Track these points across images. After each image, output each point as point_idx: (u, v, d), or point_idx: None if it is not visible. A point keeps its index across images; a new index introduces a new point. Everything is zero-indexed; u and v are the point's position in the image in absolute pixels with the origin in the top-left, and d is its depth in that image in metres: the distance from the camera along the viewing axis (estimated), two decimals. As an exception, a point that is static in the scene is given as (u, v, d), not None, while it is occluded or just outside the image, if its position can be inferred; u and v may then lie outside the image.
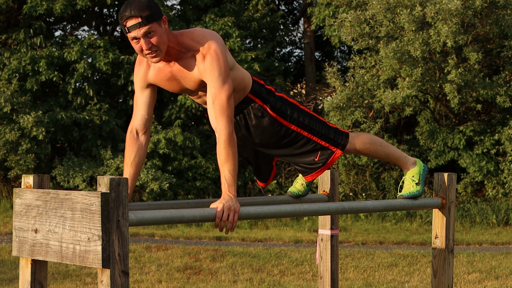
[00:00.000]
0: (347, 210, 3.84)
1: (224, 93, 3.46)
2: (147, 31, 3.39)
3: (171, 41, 3.49)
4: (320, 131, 3.88)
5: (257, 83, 3.79)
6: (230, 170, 3.37)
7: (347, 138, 3.93)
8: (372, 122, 14.71)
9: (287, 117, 3.82)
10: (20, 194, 3.18)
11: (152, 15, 3.39)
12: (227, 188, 3.34)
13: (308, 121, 3.85)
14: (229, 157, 3.38)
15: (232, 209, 3.27)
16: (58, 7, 15.44)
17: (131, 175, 3.69)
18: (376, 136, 4.09)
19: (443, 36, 13.02)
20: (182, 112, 16.39)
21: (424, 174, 4.07)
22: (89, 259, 2.89)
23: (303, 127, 3.84)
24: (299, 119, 3.83)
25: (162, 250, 10.03)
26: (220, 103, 3.45)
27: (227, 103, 3.45)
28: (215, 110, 3.46)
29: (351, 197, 14.82)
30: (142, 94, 3.70)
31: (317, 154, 3.90)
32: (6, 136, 14.30)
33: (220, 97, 3.46)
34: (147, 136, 3.74)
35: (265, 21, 17.21)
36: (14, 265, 8.76)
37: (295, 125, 3.83)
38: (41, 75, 15.32)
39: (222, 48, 3.52)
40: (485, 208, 13.92)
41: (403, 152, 4.12)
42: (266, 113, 3.78)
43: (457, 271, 8.85)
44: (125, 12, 3.39)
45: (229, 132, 3.42)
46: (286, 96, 3.86)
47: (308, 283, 8.12)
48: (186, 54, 3.53)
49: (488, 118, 15.07)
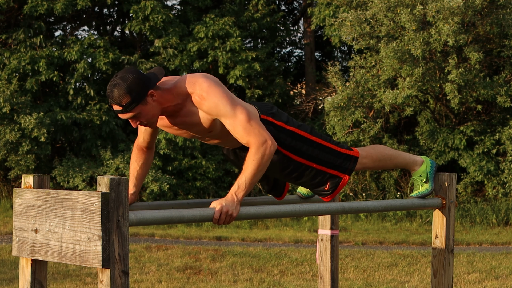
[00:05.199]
0: (347, 210, 3.83)
1: (239, 119, 3.41)
2: (131, 116, 3.41)
3: (166, 100, 3.45)
4: (329, 161, 3.85)
5: (265, 121, 3.69)
6: (247, 176, 3.35)
7: (355, 162, 3.89)
8: (372, 122, 14.70)
9: (297, 152, 3.77)
10: (20, 194, 3.18)
11: (133, 101, 3.36)
12: (236, 190, 3.33)
13: (317, 153, 3.81)
14: (252, 165, 3.35)
15: (229, 213, 3.27)
16: (58, 7, 15.44)
17: (139, 175, 3.79)
18: (385, 148, 4.05)
19: (444, 35, 13.02)
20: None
21: (432, 171, 4.06)
22: (89, 259, 2.89)
23: (312, 159, 3.81)
24: (308, 152, 3.79)
25: (162, 250, 10.03)
26: (241, 127, 3.40)
27: (248, 123, 3.40)
28: (240, 136, 3.42)
29: (351, 197, 14.82)
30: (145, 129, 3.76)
31: (326, 183, 3.89)
32: (7, 136, 14.30)
33: (238, 122, 3.40)
34: (153, 150, 3.86)
35: (265, 21, 17.21)
36: (14, 265, 8.76)
37: (305, 158, 3.79)
38: (41, 75, 15.31)
39: (216, 82, 3.48)
40: (485, 208, 13.92)
41: (410, 156, 4.09)
42: (277, 150, 3.72)
43: (457, 271, 8.84)
44: (108, 98, 3.40)
45: (257, 145, 3.37)
46: (296, 129, 3.78)
47: (308, 283, 8.12)
48: (185, 103, 3.49)
49: (489, 118, 15.07)
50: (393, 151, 4.05)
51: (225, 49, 16.06)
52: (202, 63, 16.29)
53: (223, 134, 3.61)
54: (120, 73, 3.38)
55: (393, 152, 4.05)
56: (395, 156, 4.03)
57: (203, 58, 16.48)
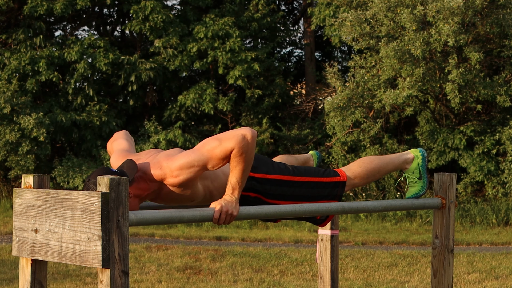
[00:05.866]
0: (347, 210, 3.83)
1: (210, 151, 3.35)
2: None
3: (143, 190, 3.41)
4: (317, 195, 3.85)
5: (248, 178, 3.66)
6: (238, 177, 3.36)
7: (343, 187, 3.89)
8: (372, 122, 14.70)
9: (285, 198, 3.79)
10: (20, 194, 3.17)
11: None
12: (231, 191, 3.35)
13: (303, 192, 3.82)
14: (239, 164, 3.35)
15: (229, 212, 3.29)
16: (58, 7, 15.44)
17: None
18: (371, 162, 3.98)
19: (444, 35, 13.02)
20: (182, 112, 16.39)
21: (424, 163, 4.03)
22: (89, 259, 2.89)
23: (300, 199, 3.82)
24: (294, 194, 3.80)
25: (162, 250, 10.03)
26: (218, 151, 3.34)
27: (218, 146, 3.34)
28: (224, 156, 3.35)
29: (351, 197, 14.82)
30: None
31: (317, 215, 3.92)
32: (6, 136, 14.30)
33: (213, 154, 3.34)
34: None
35: (265, 21, 17.21)
36: (14, 265, 8.76)
37: (293, 201, 3.80)
38: (41, 75, 15.31)
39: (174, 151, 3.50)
40: (485, 208, 13.91)
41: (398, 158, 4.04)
42: (263, 201, 3.75)
43: (457, 271, 8.84)
44: None
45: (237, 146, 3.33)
46: (278, 176, 3.77)
47: (308, 283, 8.12)
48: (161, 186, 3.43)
49: (489, 118, 15.07)
50: (380, 161, 3.99)
51: (224, 49, 16.06)
52: (202, 63, 16.29)
53: (206, 197, 3.56)
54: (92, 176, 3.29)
55: (380, 162, 3.99)
56: (384, 165, 3.99)
57: (203, 58, 16.48)
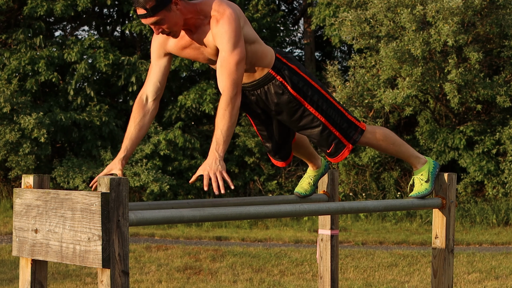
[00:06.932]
0: (347, 210, 3.84)
1: (233, 57, 3.47)
2: (155, 21, 3.43)
3: (189, 11, 3.51)
4: (336, 120, 3.85)
5: (280, 61, 3.76)
6: (223, 130, 3.39)
7: (361, 134, 3.91)
8: (372, 122, 14.70)
9: (307, 98, 3.79)
10: (20, 194, 3.18)
11: (158, 5, 3.41)
12: (215, 146, 3.38)
13: (326, 107, 3.82)
14: (225, 117, 3.40)
15: (218, 171, 3.30)
16: (58, 8, 15.43)
17: (133, 136, 3.67)
18: (391, 132, 4.05)
19: (444, 35, 13.02)
20: (183, 112, 16.39)
21: (435, 171, 4.05)
22: (89, 259, 2.89)
23: (321, 111, 3.82)
24: (318, 102, 3.81)
25: (162, 250, 10.03)
26: (228, 67, 3.47)
27: (235, 67, 3.47)
28: (222, 73, 3.48)
29: (351, 197, 14.82)
30: (158, 62, 3.72)
31: (331, 145, 3.90)
32: (6, 136, 14.29)
33: (229, 61, 3.47)
34: (156, 104, 3.76)
35: (265, 21, 17.21)
36: (14, 265, 8.76)
37: (314, 107, 3.80)
38: (41, 76, 15.31)
39: (237, 16, 3.52)
40: (485, 208, 13.92)
41: (414, 151, 4.08)
42: (287, 90, 3.75)
43: (457, 271, 8.84)
44: (133, 2, 3.45)
45: (231, 95, 3.44)
46: (308, 77, 3.81)
47: (308, 283, 8.12)
48: (204, 21, 3.55)
49: (488, 118, 15.07)
50: (398, 138, 4.05)
51: (224, 49, 16.06)
52: (202, 63, 16.30)
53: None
54: None
55: (398, 139, 4.05)
56: (399, 143, 4.03)
57: (203, 58, 16.47)
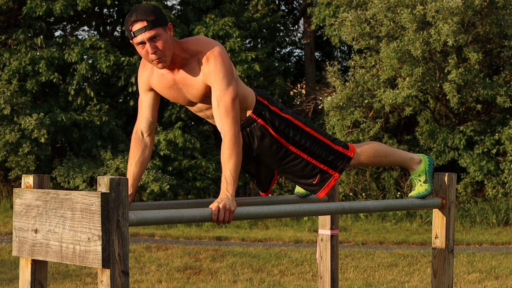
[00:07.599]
0: (347, 210, 3.83)
1: (229, 95, 3.47)
2: (153, 36, 3.42)
3: (176, 48, 3.51)
4: (320, 155, 3.84)
5: (260, 103, 3.75)
6: (231, 169, 3.38)
7: (348, 162, 3.88)
8: (372, 122, 14.70)
9: (289, 139, 3.78)
10: (20, 194, 3.18)
11: (157, 19, 3.42)
12: (226, 186, 3.35)
13: (309, 144, 3.81)
14: (232, 157, 3.39)
15: (227, 208, 3.28)
16: (58, 8, 15.43)
17: (135, 174, 3.70)
18: (380, 145, 4.03)
19: (444, 35, 13.02)
20: (182, 112, 16.39)
21: (431, 169, 4.06)
22: (89, 259, 2.89)
23: (304, 150, 3.81)
24: (300, 141, 3.79)
25: (162, 250, 10.03)
26: (225, 105, 3.47)
27: (231, 105, 3.47)
28: (220, 112, 3.47)
29: (351, 197, 14.82)
30: (146, 97, 3.72)
31: (315, 176, 3.88)
32: (6, 137, 14.29)
33: (225, 98, 3.47)
34: (152, 138, 3.76)
35: (265, 21, 17.22)
36: (14, 265, 8.76)
37: (297, 148, 3.79)
38: (41, 76, 15.31)
39: (226, 53, 3.55)
40: (485, 208, 13.92)
41: (407, 154, 4.08)
42: (268, 133, 3.75)
43: (457, 271, 8.84)
44: (131, 17, 3.43)
45: (234, 133, 3.44)
46: (291, 117, 3.80)
47: (308, 283, 8.12)
48: (190, 60, 3.54)
49: (488, 118, 15.07)
50: (388, 148, 4.04)
51: (224, 50, 16.07)
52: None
53: None
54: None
55: (388, 149, 4.04)
56: (391, 153, 4.02)
57: (203, 58, 16.47)
